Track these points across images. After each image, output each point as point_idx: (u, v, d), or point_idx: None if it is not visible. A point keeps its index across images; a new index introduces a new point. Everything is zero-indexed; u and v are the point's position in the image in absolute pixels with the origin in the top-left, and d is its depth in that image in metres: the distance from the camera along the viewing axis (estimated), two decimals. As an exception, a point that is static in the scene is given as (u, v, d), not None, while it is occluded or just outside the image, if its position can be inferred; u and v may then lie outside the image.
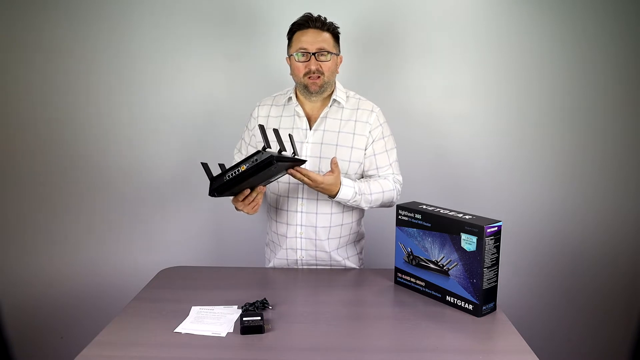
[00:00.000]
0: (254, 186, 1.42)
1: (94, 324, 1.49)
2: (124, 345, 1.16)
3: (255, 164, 1.28)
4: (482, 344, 1.20)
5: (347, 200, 1.55)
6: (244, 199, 1.43)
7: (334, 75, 1.59)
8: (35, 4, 1.99)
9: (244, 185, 1.37)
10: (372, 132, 1.61)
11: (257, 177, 1.32)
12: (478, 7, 2.01)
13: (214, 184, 1.35)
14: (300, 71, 1.54)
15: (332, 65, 1.55)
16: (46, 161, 2.10)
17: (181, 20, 2.01)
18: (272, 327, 1.23)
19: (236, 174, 1.31)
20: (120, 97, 2.07)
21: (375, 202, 1.60)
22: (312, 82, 1.54)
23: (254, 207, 1.46)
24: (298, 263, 1.69)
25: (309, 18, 1.54)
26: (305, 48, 1.52)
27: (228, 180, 1.32)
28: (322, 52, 1.52)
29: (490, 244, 1.27)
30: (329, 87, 1.59)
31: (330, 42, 1.55)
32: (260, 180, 1.38)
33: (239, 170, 1.31)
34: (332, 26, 1.57)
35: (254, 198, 1.43)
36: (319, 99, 1.60)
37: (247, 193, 1.41)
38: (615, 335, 2.21)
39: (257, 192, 1.43)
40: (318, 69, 1.52)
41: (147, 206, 2.14)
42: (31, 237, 2.15)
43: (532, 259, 2.17)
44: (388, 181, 1.62)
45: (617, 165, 2.10)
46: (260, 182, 1.41)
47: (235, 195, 1.43)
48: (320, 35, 1.53)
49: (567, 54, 2.02)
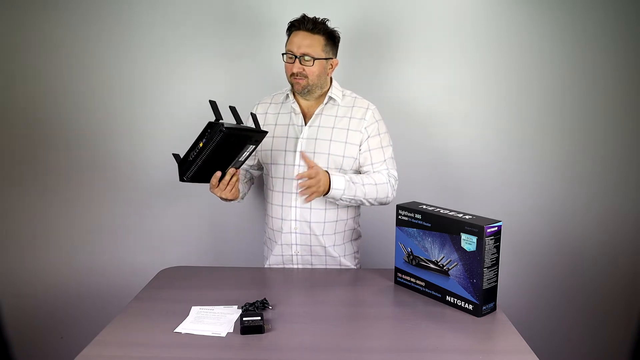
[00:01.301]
0: (223, 169, 1.43)
1: (94, 324, 1.49)
2: (124, 345, 1.16)
3: (209, 135, 1.30)
4: (482, 344, 1.20)
5: (342, 190, 1.52)
6: (220, 184, 1.45)
7: (320, 78, 1.59)
8: (36, 4, 1.99)
9: (213, 166, 1.39)
10: (367, 129, 1.62)
11: (218, 152, 1.34)
12: (478, 7, 2.01)
13: (182, 168, 1.37)
14: (288, 71, 1.59)
15: (316, 70, 1.56)
16: (46, 161, 2.10)
17: (182, 20, 2.01)
18: (272, 327, 1.23)
19: (197, 152, 1.33)
20: (119, 97, 2.06)
21: (370, 194, 1.58)
22: (295, 82, 1.58)
23: (231, 190, 1.47)
24: (294, 259, 1.69)
25: (301, 20, 1.56)
26: (291, 50, 1.55)
27: (192, 160, 1.34)
28: (305, 57, 1.54)
29: (490, 244, 1.27)
30: (316, 89, 1.61)
31: (318, 46, 1.55)
32: (226, 158, 1.40)
33: (198, 147, 1.33)
34: (326, 28, 1.57)
35: (228, 181, 1.45)
36: (311, 98, 1.63)
37: (219, 176, 1.43)
38: (615, 335, 2.21)
39: (230, 175, 1.45)
40: (300, 72, 1.55)
41: (147, 206, 2.14)
42: (31, 237, 2.15)
43: (532, 259, 2.17)
44: (381, 175, 1.62)
45: (617, 165, 2.10)
46: (229, 163, 1.43)
47: (208, 181, 1.44)
48: (308, 38, 1.54)
49: (567, 54, 2.02)
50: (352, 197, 1.56)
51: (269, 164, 1.67)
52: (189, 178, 1.38)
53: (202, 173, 1.39)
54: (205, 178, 1.43)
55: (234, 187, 1.47)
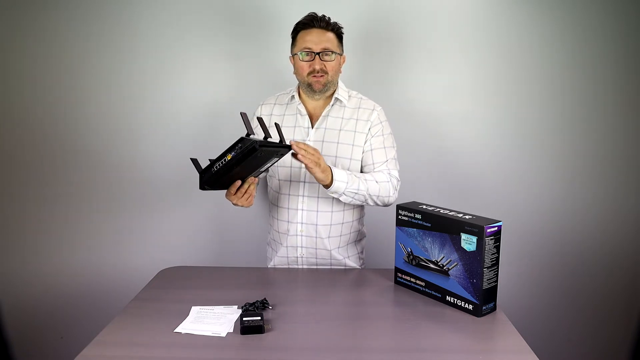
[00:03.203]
0: (243, 177, 1.42)
1: (94, 324, 1.50)
2: (124, 345, 1.16)
3: (239, 150, 1.28)
4: (482, 344, 1.20)
5: (345, 183, 1.50)
6: (237, 192, 1.43)
7: (337, 74, 1.61)
8: (36, 4, 1.99)
9: (234, 176, 1.37)
10: (371, 129, 1.62)
11: (244, 165, 1.32)
12: (479, 7, 2.01)
13: (203, 177, 1.35)
14: (305, 70, 1.56)
15: (335, 65, 1.58)
16: (46, 161, 2.10)
17: (184, 20, 2.01)
18: (272, 327, 1.23)
19: (223, 164, 1.31)
20: (121, 97, 2.06)
21: (373, 189, 1.56)
22: (315, 81, 1.56)
23: (247, 198, 1.45)
24: (299, 261, 1.69)
25: (313, 18, 1.56)
26: (309, 48, 1.54)
27: (216, 171, 1.32)
28: (326, 52, 1.55)
29: (490, 244, 1.27)
30: (332, 86, 1.61)
31: (334, 42, 1.57)
32: (248, 169, 1.38)
33: (225, 160, 1.31)
34: (336, 26, 1.59)
35: (246, 190, 1.43)
36: (322, 97, 1.62)
37: (238, 185, 1.41)
38: (615, 335, 2.21)
39: (249, 184, 1.43)
40: (322, 68, 1.55)
41: (147, 206, 2.14)
42: (31, 237, 2.15)
43: (532, 259, 2.17)
44: (382, 174, 1.61)
45: (617, 165, 2.10)
46: (250, 173, 1.41)
47: (227, 188, 1.43)
48: (325, 35, 1.55)
49: (567, 54, 2.02)
50: (356, 191, 1.53)
51: (275, 167, 1.66)
52: (210, 188, 1.37)
53: (223, 183, 1.39)
54: (225, 186, 1.42)
55: (251, 195, 1.46)
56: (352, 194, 1.53)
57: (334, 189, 1.50)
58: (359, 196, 1.55)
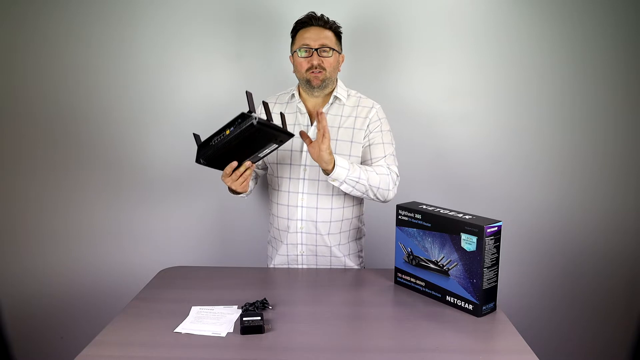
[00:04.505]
0: (241, 159, 1.42)
1: (94, 324, 1.50)
2: (124, 345, 1.16)
3: (238, 125, 1.28)
4: (482, 344, 1.20)
5: (346, 169, 1.49)
6: (232, 174, 1.43)
7: (335, 71, 1.62)
8: (36, 3, 1.99)
9: (232, 155, 1.38)
10: (370, 126, 1.63)
11: (242, 144, 1.32)
12: (479, 7, 2.01)
13: (201, 151, 1.36)
14: (303, 67, 1.58)
15: (333, 62, 1.59)
16: (46, 161, 2.10)
17: (184, 20, 2.01)
18: (272, 327, 1.23)
19: (221, 139, 1.31)
20: (121, 97, 2.06)
21: (373, 180, 1.55)
22: (314, 76, 1.57)
23: (242, 183, 1.45)
24: (299, 259, 1.70)
25: (312, 16, 1.60)
26: (307, 44, 1.57)
27: (213, 145, 1.32)
28: (324, 49, 1.57)
29: (490, 244, 1.27)
30: (330, 83, 1.62)
31: (332, 39, 1.60)
32: (246, 150, 1.38)
33: (224, 134, 1.31)
34: (335, 25, 1.62)
35: (241, 173, 1.43)
36: (321, 94, 1.63)
37: (235, 166, 1.41)
38: (615, 335, 2.21)
39: (245, 167, 1.43)
40: (320, 64, 1.56)
41: (147, 206, 2.14)
42: (31, 237, 2.15)
43: (532, 259, 2.17)
44: (381, 167, 1.61)
45: (617, 165, 2.10)
46: (248, 156, 1.41)
47: (222, 169, 1.43)
48: (323, 32, 1.58)
49: (567, 54, 2.02)
50: (357, 180, 1.52)
51: (275, 164, 1.67)
52: (205, 161, 1.37)
53: (219, 160, 1.39)
54: (221, 165, 1.42)
55: (246, 180, 1.46)
56: (353, 183, 1.52)
57: (335, 176, 1.49)
58: (360, 186, 1.54)
